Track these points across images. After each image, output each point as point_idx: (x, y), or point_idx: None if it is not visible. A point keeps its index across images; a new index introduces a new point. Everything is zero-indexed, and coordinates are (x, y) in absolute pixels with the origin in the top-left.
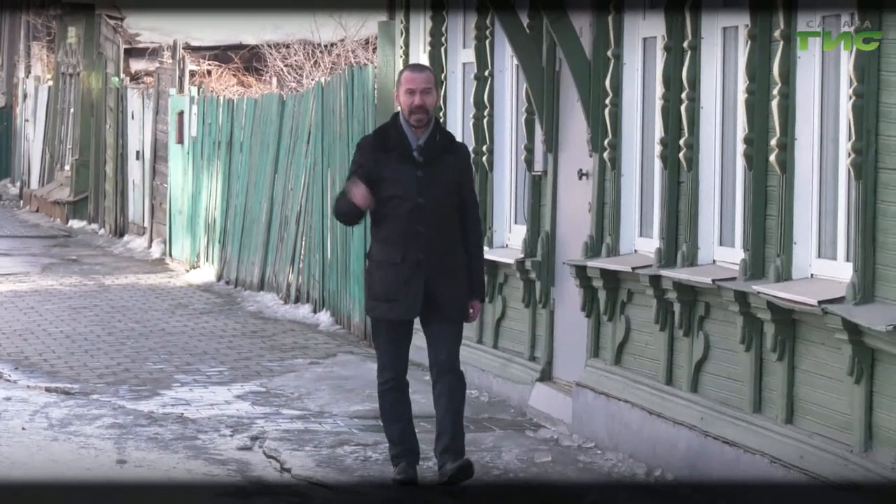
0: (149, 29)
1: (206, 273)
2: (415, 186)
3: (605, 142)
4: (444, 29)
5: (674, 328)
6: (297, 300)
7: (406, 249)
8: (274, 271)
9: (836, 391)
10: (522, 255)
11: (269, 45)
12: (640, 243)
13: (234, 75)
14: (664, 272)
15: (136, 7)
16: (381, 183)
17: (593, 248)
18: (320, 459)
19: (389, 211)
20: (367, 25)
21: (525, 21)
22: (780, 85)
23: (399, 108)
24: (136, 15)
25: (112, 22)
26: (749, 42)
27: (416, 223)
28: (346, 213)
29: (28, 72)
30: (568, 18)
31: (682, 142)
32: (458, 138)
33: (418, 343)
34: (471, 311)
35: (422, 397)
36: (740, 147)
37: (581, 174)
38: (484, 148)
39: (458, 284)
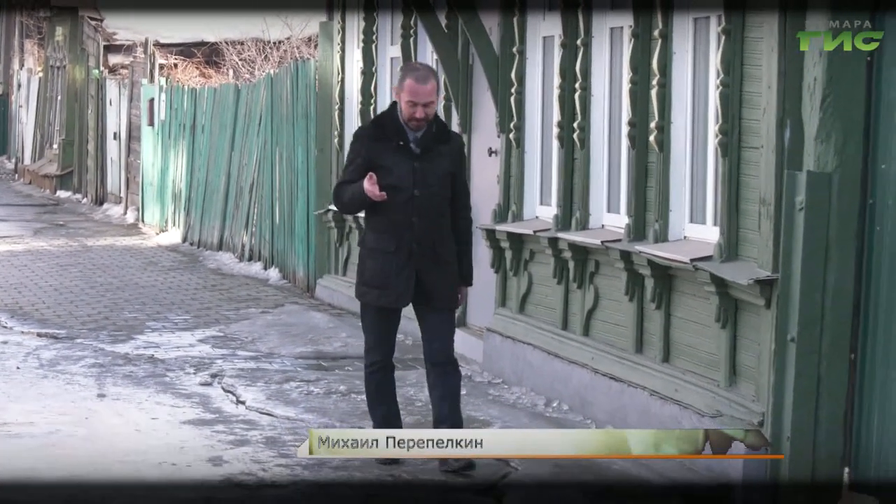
0: (124, 28)
1: (173, 236)
2: (411, 178)
3: (511, 124)
4: (374, 28)
5: (569, 282)
6: (250, 258)
7: (400, 239)
8: (230, 234)
9: (705, 335)
10: None
11: (226, 42)
12: (541, 210)
13: (197, 68)
14: (561, 235)
15: (113, 10)
16: (378, 172)
17: (501, 215)
18: (270, 393)
19: (385, 200)
20: (310, 25)
21: (443, 21)
22: (658, 76)
23: (398, 103)
24: (113, 16)
25: (93, 23)
26: (632, 40)
27: (411, 214)
28: (358, 207)
29: (22, 65)
30: (479, 19)
31: (575, 125)
32: None
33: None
34: (459, 296)
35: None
36: (625, 129)
37: (491, 152)
38: None
39: (449, 274)
